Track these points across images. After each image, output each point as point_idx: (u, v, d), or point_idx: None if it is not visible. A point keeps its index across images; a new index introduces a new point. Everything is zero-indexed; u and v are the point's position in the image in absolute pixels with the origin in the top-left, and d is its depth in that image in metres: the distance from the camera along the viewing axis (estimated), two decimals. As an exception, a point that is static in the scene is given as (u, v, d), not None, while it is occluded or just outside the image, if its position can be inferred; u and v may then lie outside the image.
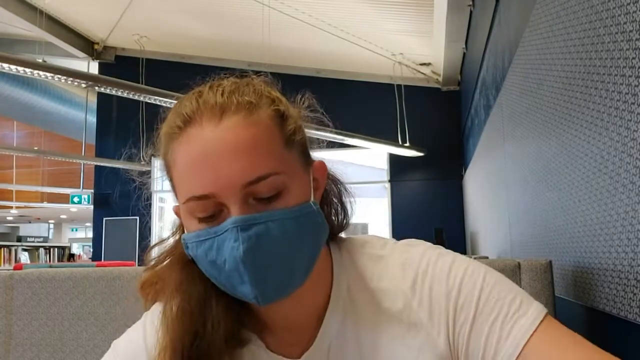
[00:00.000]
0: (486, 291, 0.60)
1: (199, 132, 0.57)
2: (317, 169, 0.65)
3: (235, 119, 0.57)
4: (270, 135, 0.58)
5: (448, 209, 6.55)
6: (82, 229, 16.82)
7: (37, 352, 1.28)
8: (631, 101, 0.86)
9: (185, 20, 6.22)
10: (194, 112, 0.58)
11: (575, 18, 1.17)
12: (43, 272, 1.31)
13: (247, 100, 0.58)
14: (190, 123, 0.57)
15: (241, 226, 0.55)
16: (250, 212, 0.56)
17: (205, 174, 0.55)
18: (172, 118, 0.60)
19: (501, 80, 2.48)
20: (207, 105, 0.58)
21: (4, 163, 12.69)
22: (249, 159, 0.55)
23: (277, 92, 0.65)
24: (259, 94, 0.60)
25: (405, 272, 0.64)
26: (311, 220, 0.59)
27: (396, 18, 5.30)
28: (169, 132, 0.60)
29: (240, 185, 0.55)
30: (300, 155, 0.61)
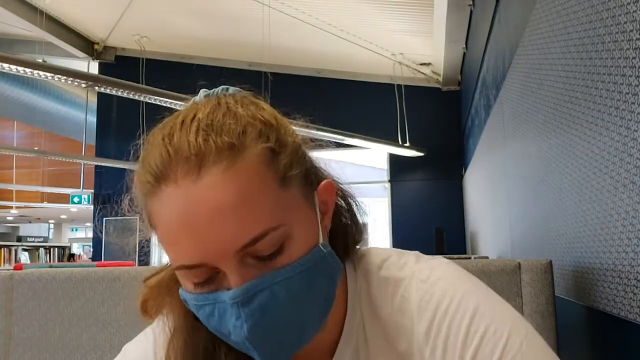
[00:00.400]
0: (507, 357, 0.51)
1: (174, 191, 0.48)
2: (323, 192, 0.57)
3: (216, 171, 0.47)
4: (261, 183, 0.49)
5: (448, 209, 6.55)
6: (82, 229, 16.81)
7: (37, 352, 1.28)
8: (631, 101, 0.86)
9: (185, 20, 6.22)
10: (165, 165, 0.48)
11: (575, 18, 1.17)
12: (43, 273, 1.31)
13: (227, 142, 0.48)
14: (164, 179, 0.48)
15: (241, 301, 0.48)
16: (251, 276, 0.48)
17: (190, 243, 0.48)
18: (142, 170, 0.51)
19: (501, 80, 2.48)
20: (181, 156, 0.48)
21: (4, 163, 12.69)
22: (238, 220, 0.47)
23: (264, 110, 0.54)
24: (243, 126, 0.50)
25: (421, 312, 0.56)
26: (323, 266, 0.52)
27: (396, 18, 5.30)
28: (142, 188, 0.51)
29: (233, 251, 0.48)
30: (301, 188, 0.53)
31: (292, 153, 0.53)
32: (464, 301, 0.54)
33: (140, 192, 0.52)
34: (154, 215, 0.50)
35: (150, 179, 0.49)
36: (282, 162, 0.51)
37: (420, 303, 0.56)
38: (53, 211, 13.23)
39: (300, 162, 0.53)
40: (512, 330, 0.52)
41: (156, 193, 0.49)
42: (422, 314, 0.56)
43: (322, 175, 0.60)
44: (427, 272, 0.58)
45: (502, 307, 0.55)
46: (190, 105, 0.55)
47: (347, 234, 0.62)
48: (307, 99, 6.82)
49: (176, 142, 0.49)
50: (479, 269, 1.15)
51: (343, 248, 0.61)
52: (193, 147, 0.48)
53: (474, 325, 0.53)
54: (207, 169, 0.47)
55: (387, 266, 0.61)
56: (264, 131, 0.51)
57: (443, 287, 0.56)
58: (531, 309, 1.13)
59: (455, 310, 0.54)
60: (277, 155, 0.51)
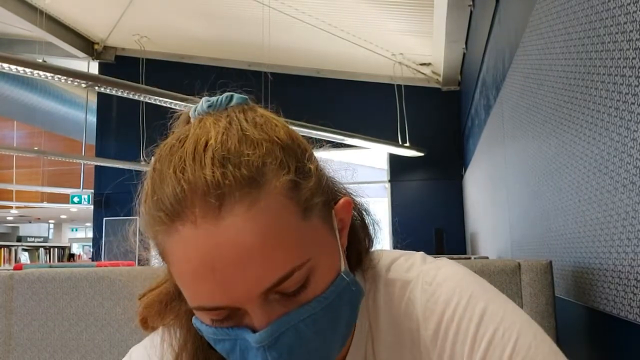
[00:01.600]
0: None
1: (193, 233, 0.44)
2: (340, 210, 0.54)
3: (239, 210, 0.44)
4: (285, 218, 0.46)
5: (448, 209, 6.55)
6: (82, 229, 16.82)
7: (37, 352, 1.28)
8: (631, 101, 0.86)
9: (185, 20, 6.22)
10: (180, 203, 0.44)
11: (575, 18, 1.17)
12: (43, 272, 1.31)
13: (247, 176, 0.44)
14: (179, 219, 0.44)
15: (267, 345, 0.46)
16: (275, 315, 0.46)
17: (212, 290, 0.45)
18: (152, 205, 0.47)
19: (501, 80, 2.48)
20: (198, 194, 0.44)
21: (4, 163, 12.69)
22: (264, 261, 0.44)
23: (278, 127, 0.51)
24: (262, 155, 0.46)
25: (427, 316, 0.55)
26: (345, 296, 0.50)
27: (396, 18, 5.30)
28: (153, 224, 0.47)
29: (257, 294, 0.45)
30: (321, 214, 0.50)
31: (314, 181, 0.49)
32: (471, 304, 0.53)
33: (151, 227, 0.48)
34: (167, 252, 0.47)
35: (163, 216, 0.45)
36: (304, 193, 0.48)
37: (426, 306, 0.55)
38: (53, 211, 13.23)
39: (321, 188, 0.50)
40: (521, 332, 0.51)
41: (170, 232, 0.45)
42: (429, 317, 0.55)
43: (339, 191, 0.57)
44: (432, 274, 0.57)
45: (509, 309, 0.54)
46: (198, 125, 0.50)
47: (360, 244, 0.60)
48: (307, 99, 6.83)
49: (191, 177, 0.44)
50: (479, 269, 1.15)
51: (356, 259, 0.60)
52: (211, 183, 0.44)
53: (481, 329, 0.52)
54: (228, 208, 0.44)
55: (394, 268, 0.60)
56: (284, 160, 0.47)
57: (449, 289, 0.55)
58: (531, 309, 1.13)
59: (462, 314, 0.53)
60: (299, 186, 0.47)
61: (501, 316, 0.52)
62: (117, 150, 7.44)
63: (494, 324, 0.52)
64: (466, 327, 0.52)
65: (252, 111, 0.52)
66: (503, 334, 0.51)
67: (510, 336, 0.51)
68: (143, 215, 0.49)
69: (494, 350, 0.51)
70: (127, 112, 7.23)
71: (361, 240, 0.60)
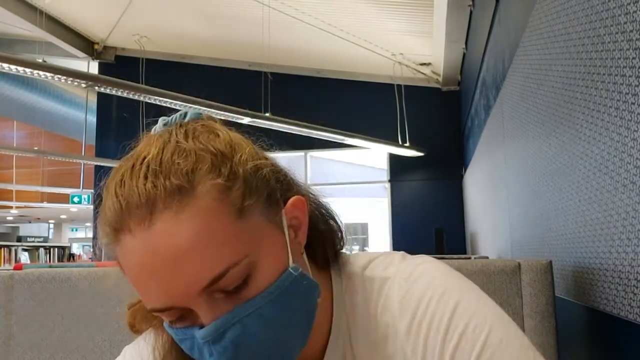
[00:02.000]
0: (486, 355, 0.51)
1: (131, 242, 0.48)
2: (292, 209, 0.55)
3: (168, 216, 0.47)
4: (216, 220, 0.48)
5: (448, 209, 6.55)
6: (82, 229, 16.82)
7: (37, 352, 1.28)
8: (631, 101, 0.86)
9: (185, 20, 6.22)
10: (118, 216, 0.48)
11: (575, 18, 1.17)
12: (43, 272, 1.31)
13: (176, 184, 0.48)
14: (121, 230, 0.49)
15: (212, 339, 0.48)
16: (221, 311, 0.49)
17: (156, 292, 0.48)
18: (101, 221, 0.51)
19: (501, 80, 2.48)
20: (131, 205, 0.48)
21: (4, 163, 12.70)
22: (197, 261, 0.47)
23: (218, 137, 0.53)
24: (192, 163, 0.49)
25: (402, 311, 0.56)
26: (295, 289, 0.52)
27: (396, 18, 5.30)
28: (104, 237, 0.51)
29: (197, 292, 0.48)
30: (263, 213, 0.52)
31: (247, 182, 0.51)
32: (444, 298, 0.54)
33: (103, 239, 0.52)
34: (119, 261, 0.51)
35: (109, 230, 0.50)
36: (236, 194, 0.50)
37: (402, 301, 0.56)
38: (53, 211, 13.24)
39: (259, 188, 0.52)
40: (493, 327, 0.52)
41: (116, 244, 0.50)
42: (404, 312, 0.56)
43: (293, 190, 0.58)
44: (409, 270, 0.58)
45: (483, 304, 0.55)
46: (145, 141, 0.54)
47: (326, 241, 0.62)
48: (307, 99, 6.83)
49: (126, 192, 0.49)
50: (479, 269, 1.15)
51: (323, 256, 0.61)
52: (142, 195, 0.48)
53: (453, 323, 0.52)
54: (158, 215, 0.47)
55: (372, 267, 0.61)
56: (215, 164, 0.50)
57: (424, 284, 0.56)
58: (531, 309, 1.13)
59: (435, 308, 0.54)
60: (230, 188, 0.49)
61: (473, 310, 0.53)
62: (117, 150, 7.38)
63: (465, 318, 0.52)
64: (439, 320, 0.53)
65: (195, 124, 0.55)
66: (475, 328, 0.52)
67: (481, 330, 0.52)
68: (99, 231, 0.53)
69: (465, 344, 0.51)
70: (127, 112, 7.22)
71: (327, 239, 0.62)
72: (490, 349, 0.51)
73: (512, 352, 0.51)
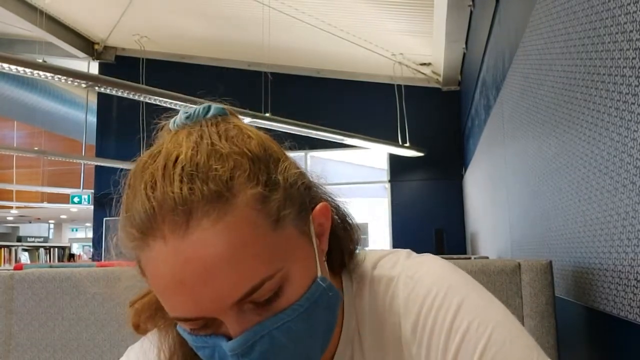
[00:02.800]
0: (489, 354, 0.50)
1: (163, 249, 0.45)
2: (319, 215, 0.54)
3: (206, 224, 0.44)
4: (254, 230, 0.46)
5: (448, 209, 6.55)
6: (82, 229, 16.82)
7: (37, 352, 1.28)
8: (631, 101, 0.86)
9: (185, 20, 6.22)
10: (150, 220, 0.45)
11: (575, 18, 1.17)
12: (43, 272, 1.31)
13: (215, 190, 0.45)
14: (151, 234, 0.46)
15: (241, 352, 0.47)
16: (249, 323, 0.47)
17: (185, 302, 0.46)
18: (126, 221, 0.48)
19: (501, 80, 2.48)
20: (166, 209, 0.45)
21: (4, 163, 12.70)
22: (233, 273, 0.45)
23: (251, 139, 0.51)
24: (230, 169, 0.47)
25: (408, 309, 0.56)
26: (322, 301, 0.51)
27: (396, 18, 5.30)
28: (128, 239, 0.48)
29: (228, 305, 0.46)
30: (295, 222, 0.50)
31: (285, 191, 0.49)
32: (449, 296, 0.54)
33: (127, 242, 0.48)
34: (143, 266, 0.48)
35: (135, 233, 0.47)
36: (274, 205, 0.48)
37: (407, 300, 0.56)
38: (53, 211, 13.24)
39: (294, 197, 0.50)
40: (496, 326, 0.51)
41: (143, 248, 0.47)
42: (409, 311, 0.55)
43: (317, 195, 0.57)
44: (414, 269, 0.58)
45: (487, 302, 0.54)
46: (172, 138, 0.51)
47: (344, 247, 0.61)
48: (307, 99, 6.83)
49: (159, 195, 0.45)
50: (479, 269, 1.15)
51: (340, 261, 0.60)
52: (178, 199, 0.45)
53: (457, 321, 0.52)
54: (195, 223, 0.44)
55: (380, 265, 0.61)
56: (253, 171, 0.48)
57: (428, 283, 0.55)
58: (531, 309, 1.13)
59: (440, 306, 0.53)
60: (268, 198, 0.48)
61: (478, 309, 0.53)
62: (117, 150, 7.44)
63: (469, 317, 0.52)
64: (442, 318, 0.53)
65: (226, 123, 0.53)
66: (478, 326, 0.51)
67: (485, 329, 0.51)
68: (119, 230, 0.50)
69: (468, 343, 0.51)
70: (127, 112, 7.23)
71: (344, 243, 0.61)
72: (493, 348, 0.50)
73: (515, 352, 0.50)
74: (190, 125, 0.52)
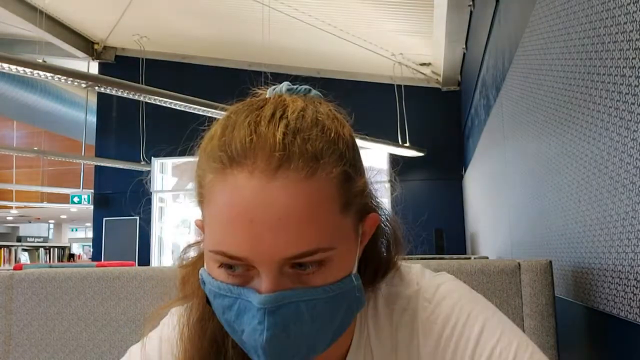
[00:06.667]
0: None
1: (247, 182, 0.46)
2: (368, 223, 0.56)
3: (294, 177, 0.46)
4: (328, 203, 0.48)
5: (448, 209, 6.55)
6: (82, 229, 16.82)
7: (37, 352, 1.28)
8: (631, 101, 0.86)
9: (185, 20, 6.22)
10: (245, 151, 0.47)
11: (575, 18, 1.17)
12: (43, 272, 1.31)
13: (311, 151, 0.48)
14: (239, 164, 0.47)
15: (269, 308, 0.47)
16: (283, 287, 0.48)
17: (242, 239, 0.47)
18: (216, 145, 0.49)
19: (501, 80, 2.48)
20: (264, 148, 0.47)
21: (4, 163, 12.69)
22: (298, 232, 0.46)
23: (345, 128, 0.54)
24: (328, 142, 0.49)
25: (426, 332, 0.57)
26: (348, 297, 0.52)
27: (396, 18, 5.30)
28: (209, 162, 0.49)
29: (281, 259, 0.47)
30: (355, 217, 0.53)
31: (363, 183, 0.53)
32: (469, 323, 0.55)
33: (208, 165, 0.49)
34: (214, 192, 0.49)
35: (224, 157, 0.48)
36: (353, 189, 0.51)
37: (426, 323, 0.57)
38: (53, 211, 13.23)
39: (364, 192, 0.53)
40: (518, 352, 0.52)
41: (225, 174, 0.48)
42: (427, 334, 0.56)
43: (372, 205, 0.59)
44: (432, 291, 0.58)
45: (507, 327, 0.55)
46: (277, 98, 0.53)
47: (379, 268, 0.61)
48: (307, 99, 6.82)
49: (263, 132, 0.48)
50: (479, 269, 1.15)
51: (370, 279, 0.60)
52: (279, 144, 0.47)
53: (479, 348, 0.53)
54: (285, 172, 0.46)
55: (395, 282, 0.61)
56: (345, 154, 0.51)
57: (448, 307, 0.56)
58: (531, 309, 1.13)
59: (461, 332, 0.54)
60: (351, 181, 0.51)
61: (499, 334, 0.54)
62: (117, 150, 7.43)
63: (491, 343, 0.53)
64: (464, 345, 0.54)
65: (327, 105, 0.56)
66: (500, 352, 0.52)
67: (508, 355, 0.52)
68: (203, 153, 0.51)
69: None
70: (127, 112, 7.23)
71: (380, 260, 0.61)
72: None
73: None
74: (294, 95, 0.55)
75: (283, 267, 0.48)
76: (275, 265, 0.47)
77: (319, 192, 0.47)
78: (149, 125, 7.00)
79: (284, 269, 0.48)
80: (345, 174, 0.50)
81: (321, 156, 0.48)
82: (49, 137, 12.24)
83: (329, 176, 0.48)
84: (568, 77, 1.25)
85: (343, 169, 0.50)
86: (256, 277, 0.49)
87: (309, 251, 0.47)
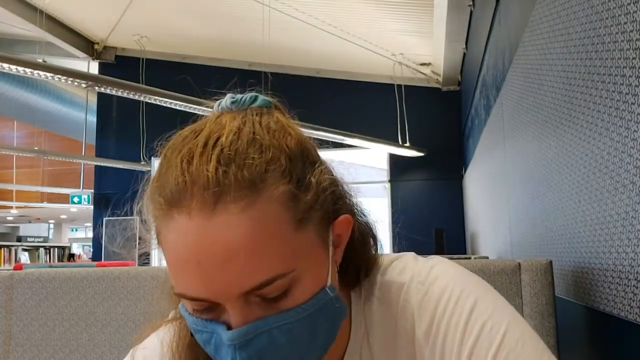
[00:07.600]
0: (502, 355, 0.51)
1: (187, 224, 0.45)
2: (339, 226, 0.54)
3: (233, 209, 0.45)
4: (277, 226, 0.46)
5: (448, 209, 6.55)
6: (82, 229, 16.81)
7: (37, 352, 1.28)
8: (631, 101, 0.86)
9: (185, 20, 6.22)
10: (180, 193, 0.46)
11: (575, 18, 1.17)
12: (43, 272, 1.31)
13: (248, 178, 0.46)
14: (177, 207, 0.46)
15: (239, 344, 0.47)
16: (253, 316, 0.47)
17: (195, 281, 0.46)
18: (156, 190, 0.48)
19: (501, 80, 2.48)
20: (198, 187, 0.45)
21: (4, 163, 12.69)
22: (248, 264, 0.45)
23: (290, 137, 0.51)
24: (267, 161, 0.47)
25: (421, 313, 0.56)
26: (326, 311, 0.50)
27: (396, 18, 5.30)
28: (153, 207, 0.49)
29: (236, 294, 0.46)
30: (317, 227, 0.50)
31: (315, 194, 0.50)
32: (461, 299, 0.54)
33: (152, 210, 0.49)
34: (162, 237, 0.49)
35: (162, 202, 0.47)
36: (302, 205, 0.48)
37: (420, 304, 0.56)
38: (53, 211, 13.23)
39: (322, 202, 0.50)
40: (509, 327, 0.52)
41: (167, 219, 0.47)
42: (422, 315, 0.56)
43: (344, 207, 0.56)
44: (425, 273, 0.58)
45: (500, 304, 0.55)
46: (215, 120, 0.51)
47: (360, 263, 0.60)
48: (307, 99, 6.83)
49: (194, 171, 0.46)
50: (479, 269, 1.15)
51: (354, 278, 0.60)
52: (212, 179, 0.45)
53: (470, 323, 0.53)
54: (223, 206, 0.45)
55: (388, 272, 0.61)
56: (288, 169, 0.48)
57: (440, 286, 0.56)
58: (531, 309, 1.13)
59: (453, 309, 0.54)
60: (297, 197, 0.48)
61: (491, 311, 0.53)
62: (117, 150, 7.43)
63: (482, 318, 0.53)
64: (456, 321, 0.53)
65: (269, 115, 0.53)
66: (491, 327, 0.52)
67: (498, 330, 0.52)
68: (145, 197, 0.51)
69: (482, 343, 0.51)
70: (127, 112, 7.22)
71: (361, 259, 0.60)
72: (506, 350, 0.51)
73: (528, 354, 0.51)
74: (235, 111, 0.53)
75: (248, 298, 0.47)
76: (236, 300, 0.46)
77: (263, 219, 0.45)
78: (149, 125, 7.00)
79: (250, 298, 0.47)
80: (290, 193, 0.47)
81: (260, 180, 0.46)
82: (49, 137, 12.23)
83: (272, 198, 0.46)
84: (568, 77, 1.25)
85: (286, 189, 0.47)
86: (225, 312, 0.48)
87: (266, 281, 0.46)
